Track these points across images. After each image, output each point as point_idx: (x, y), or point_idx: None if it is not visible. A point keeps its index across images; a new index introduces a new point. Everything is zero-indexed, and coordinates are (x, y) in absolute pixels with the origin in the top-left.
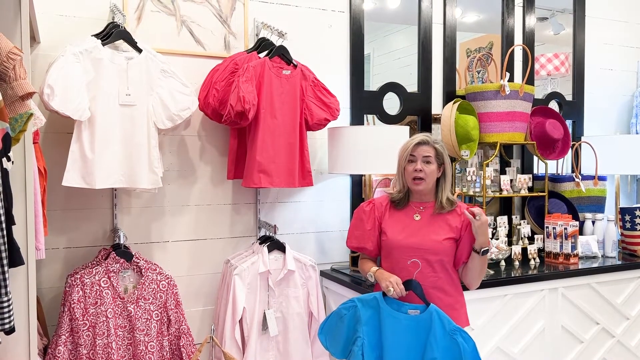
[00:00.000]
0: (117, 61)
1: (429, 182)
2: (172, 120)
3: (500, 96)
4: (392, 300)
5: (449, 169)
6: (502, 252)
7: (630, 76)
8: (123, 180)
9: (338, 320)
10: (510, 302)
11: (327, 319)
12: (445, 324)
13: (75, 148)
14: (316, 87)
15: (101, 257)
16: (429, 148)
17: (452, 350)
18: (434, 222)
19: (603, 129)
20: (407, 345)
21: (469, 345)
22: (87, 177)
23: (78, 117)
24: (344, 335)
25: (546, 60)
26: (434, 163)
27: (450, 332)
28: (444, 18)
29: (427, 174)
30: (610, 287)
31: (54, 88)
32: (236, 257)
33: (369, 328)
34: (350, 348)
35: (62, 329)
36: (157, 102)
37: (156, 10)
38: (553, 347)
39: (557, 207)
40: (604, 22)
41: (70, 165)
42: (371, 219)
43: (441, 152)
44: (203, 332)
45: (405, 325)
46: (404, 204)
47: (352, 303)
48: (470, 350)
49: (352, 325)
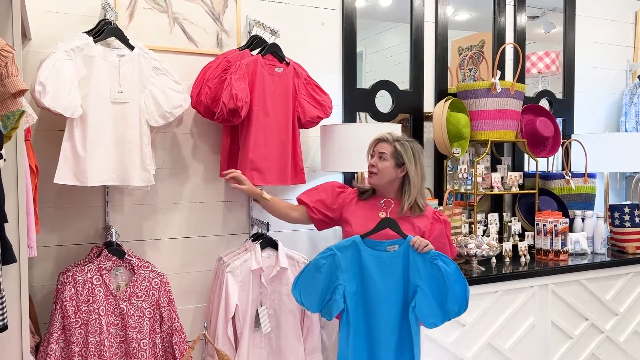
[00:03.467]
0: (109, 58)
1: (380, 177)
2: (165, 118)
3: (492, 94)
4: (370, 241)
5: (413, 172)
6: (492, 249)
7: (619, 75)
8: (115, 177)
9: (315, 272)
10: (500, 298)
11: (302, 272)
12: (425, 253)
13: (67, 146)
14: (309, 85)
15: (93, 254)
16: (386, 145)
17: (435, 276)
18: (400, 222)
19: (593, 127)
20: (390, 281)
21: (450, 267)
22: (79, 174)
23: (70, 115)
24: (320, 286)
25: (537, 59)
26: (389, 160)
27: (430, 259)
28: (436, 16)
29: (379, 170)
30: (599, 283)
31: (45, 85)
32: (229, 255)
33: (349, 274)
34: (327, 298)
35: (54, 327)
36: (150, 99)
37: (148, 7)
38: (543, 343)
39: (547, 204)
40: (594, 21)
41: (62, 162)
42: (334, 200)
43: (401, 151)
44: (196, 330)
45: (387, 263)
46: (369, 195)
47: (330, 252)
48: (453, 272)
49: (330, 275)
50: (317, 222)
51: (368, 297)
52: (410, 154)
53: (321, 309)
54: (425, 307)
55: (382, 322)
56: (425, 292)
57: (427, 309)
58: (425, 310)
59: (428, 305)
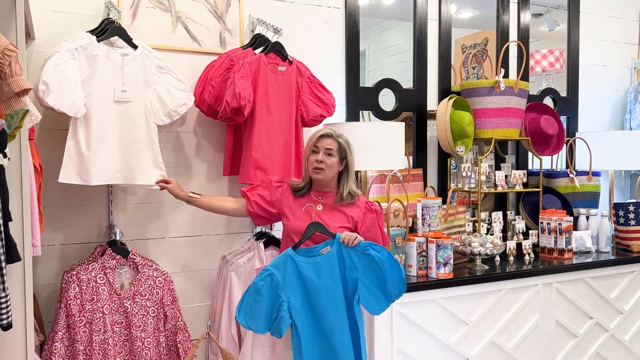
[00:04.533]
0: (113, 57)
1: (328, 173)
2: (170, 117)
3: (495, 92)
4: (302, 250)
5: (352, 163)
6: (496, 248)
7: (624, 72)
8: (119, 177)
9: (256, 295)
10: (504, 297)
11: (243, 298)
12: (356, 246)
13: (71, 144)
14: (312, 84)
15: (97, 253)
16: (332, 141)
17: (370, 266)
18: (333, 211)
19: (597, 125)
20: (331, 283)
21: (382, 254)
22: (83, 173)
23: (74, 114)
24: (264, 307)
25: (541, 57)
26: (335, 156)
27: (362, 250)
28: (439, 14)
29: (327, 165)
30: (604, 281)
31: (49, 84)
32: (232, 253)
33: (291, 289)
34: (274, 317)
35: (59, 326)
36: (155, 98)
37: (151, 6)
38: (547, 342)
39: (551, 202)
40: (598, 19)
41: (66, 161)
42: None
43: (344, 146)
44: (199, 328)
45: (323, 266)
46: (305, 192)
47: (267, 272)
48: (386, 258)
49: (272, 294)
50: (254, 217)
51: (315, 305)
52: (348, 147)
53: (270, 328)
54: (368, 296)
55: (334, 324)
56: (365, 283)
57: (370, 298)
58: (369, 299)
59: (370, 294)
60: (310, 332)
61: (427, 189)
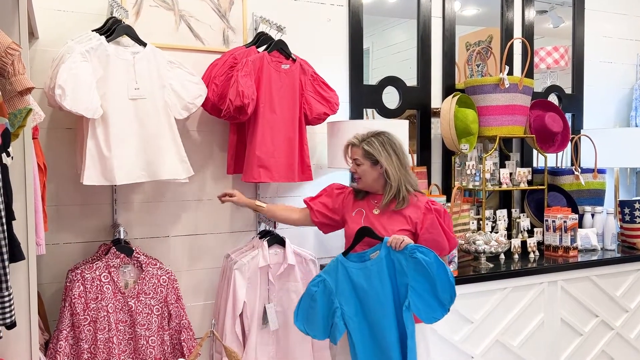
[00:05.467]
0: (124, 56)
1: (364, 180)
2: (188, 110)
3: (500, 90)
4: (353, 255)
5: (387, 165)
6: (501, 246)
7: (629, 69)
8: (145, 174)
9: (311, 301)
10: (509, 295)
11: (299, 304)
12: (404, 249)
13: (92, 145)
14: (315, 82)
15: (101, 252)
16: (356, 149)
17: (418, 269)
18: (392, 214)
19: (602, 122)
20: (381, 288)
21: (429, 257)
22: (107, 173)
23: (91, 115)
24: (320, 313)
25: (545, 54)
26: (364, 163)
27: (409, 253)
28: (443, 12)
29: (360, 175)
30: (609, 279)
31: (64, 88)
32: (236, 252)
33: (343, 295)
34: (330, 323)
35: (63, 324)
36: (171, 93)
37: (155, 5)
38: (552, 340)
39: (556, 200)
40: (603, 15)
41: (89, 163)
42: (334, 201)
43: (369, 150)
44: (204, 327)
45: (373, 271)
46: (364, 195)
47: (319, 278)
48: (433, 261)
49: (326, 300)
50: (319, 225)
51: (367, 311)
52: (378, 149)
53: (328, 335)
54: (419, 302)
55: (386, 329)
56: (415, 288)
57: (421, 303)
58: (420, 305)
59: (421, 300)
60: (364, 339)
61: (431, 186)
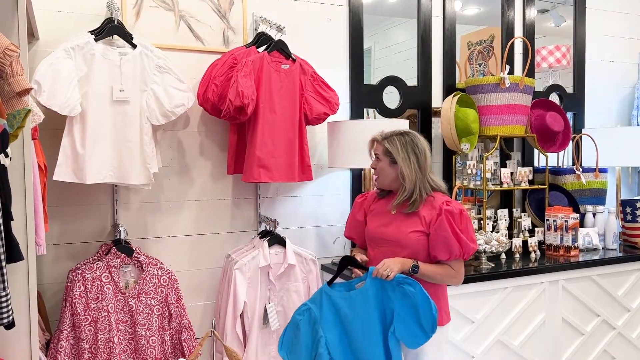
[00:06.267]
0: (110, 57)
1: (382, 177)
2: (166, 117)
3: (500, 89)
4: (338, 285)
5: (407, 169)
6: (502, 245)
7: (631, 68)
8: (113, 175)
9: (295, 330)
10: (510, 294)
11: (284, 332)
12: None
13: (67, 143)
14: (315, 82)
15: (102, 252)
16: (378, 145)
17: (405, 299)
18: (408, 216)
19: (604, 121)
20: (367, 317)
21: (415, 288)
22: (78, 172)
23: (67, 113)
24: (304, 342)
25: (547, 53)
26: (383, 160)
27: (396, 284)
28: (444, 11)
29: (378, 171)
30: (611, 279)
31: (41, 84)
32: (237, 252)
33: (328, 324)
34: (314, 354)
35: (64, 324)
36: (151, 98)
37: (155, 5)
38: (554, 340)
39: (557, 199)
40: (605, 14)
41: (61, 159)
42: (361, 211)
43: (388, 148)
44: (204, 327)
45: (359, 301)
46: (385, 194)
47: (305, 307)
48: (418, 292)
49: (310, 329)
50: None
51: (352, 339)
52: (397, 148)
53: None
54: (403, 328)
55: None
56: (400, 314)
57: (405, 330)
58: (404, 331)
59: (406, 326)
60: None
61: None
